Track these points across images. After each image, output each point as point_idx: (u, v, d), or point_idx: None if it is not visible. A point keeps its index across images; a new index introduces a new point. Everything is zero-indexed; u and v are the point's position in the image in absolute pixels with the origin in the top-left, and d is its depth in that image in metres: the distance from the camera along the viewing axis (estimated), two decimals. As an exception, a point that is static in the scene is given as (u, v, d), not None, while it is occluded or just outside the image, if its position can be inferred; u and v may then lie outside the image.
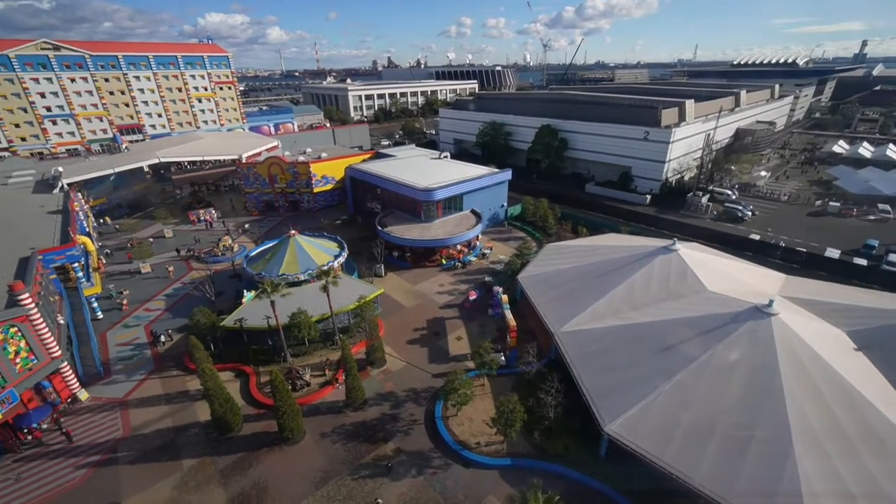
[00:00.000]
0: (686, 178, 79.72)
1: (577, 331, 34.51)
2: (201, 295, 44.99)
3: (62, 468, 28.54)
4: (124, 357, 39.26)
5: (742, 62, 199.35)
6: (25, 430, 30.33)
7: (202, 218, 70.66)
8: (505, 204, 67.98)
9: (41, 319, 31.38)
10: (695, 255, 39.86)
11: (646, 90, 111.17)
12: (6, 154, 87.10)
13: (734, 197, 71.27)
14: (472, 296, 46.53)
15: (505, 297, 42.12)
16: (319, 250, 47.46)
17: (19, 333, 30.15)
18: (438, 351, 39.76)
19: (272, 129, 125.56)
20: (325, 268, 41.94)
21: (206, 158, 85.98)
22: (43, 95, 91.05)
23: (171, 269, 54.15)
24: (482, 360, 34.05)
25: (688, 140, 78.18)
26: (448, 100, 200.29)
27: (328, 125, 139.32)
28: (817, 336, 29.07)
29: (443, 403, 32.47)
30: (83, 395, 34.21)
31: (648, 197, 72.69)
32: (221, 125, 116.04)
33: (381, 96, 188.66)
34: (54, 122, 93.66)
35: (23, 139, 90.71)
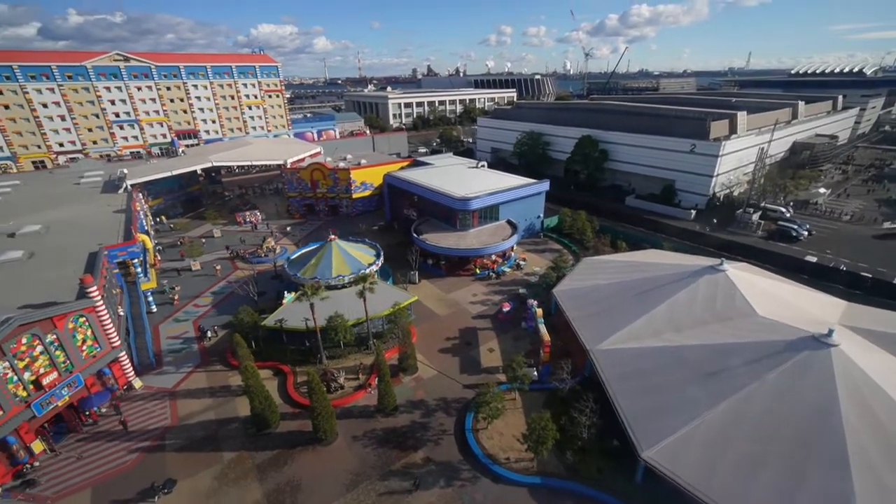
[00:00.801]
0: (735, 193, 75.88)
1: (614, 349, 33.50)
2: (245, 294, 47.19)
3: (117, 451, 30.63)
4: (174, 350, 41.74)
5: (802, 71, 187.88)
6: (87, 413, 32.79)
7: (248, 220, 74.29)
8: (541, 215, 67.23)
9: (105, 311, 33.99)
10: (744, 277, 37.82)
11: (693, 101, 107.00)
12: (80, 156, 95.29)
13: (789, 215, 67.04)
14: (506, 307, 46.20)
15: (539, 311, 41.52)
16: (357, 256, 48.67)
17: (87, 323, 32.79)
18: (470, 361, 39.68)
19: (315, 135, 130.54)
20: (363, 273, 42.92)
21: (253, 163, 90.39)
22: (113, 102, 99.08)
23: (218, 267, 57.22)
24: (514, 374, 33.66)
25: (738, 154, 74.47)
26: (486, 108, 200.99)
27: (368, 132, 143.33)
28: (884, 371, 26.78)
29: (473, 415, 32.35)
30: (137, 383, 36.64)
31: (693, 212, 69.69)
32: (268, 131, 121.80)
33: (419, 104, 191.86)
34: (121, 127, 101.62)
35: (94, 142, 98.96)
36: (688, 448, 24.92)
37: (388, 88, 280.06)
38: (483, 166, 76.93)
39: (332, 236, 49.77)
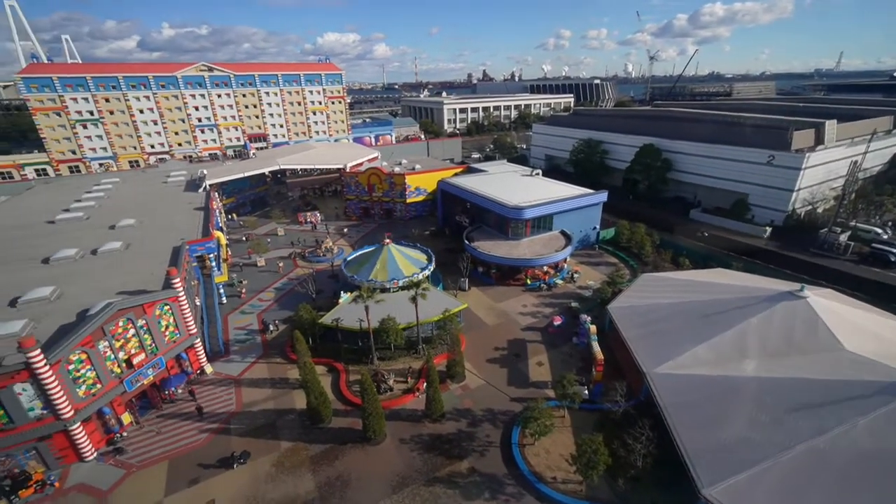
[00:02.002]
0: (819, 210, 68.88)
1: (674, 374, 31.66)
2: (304, 292, 49.91)
3: (190, 430, 33.59)
4: (240, 340, 45.05)
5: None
6: (166, 392, 36.29)
7: (308, 220, 78.55)
8: (597, 226, 65.05)
9: (186, 301, 37.48)
10: (829, 305, 34.23)
11: (772, 107, 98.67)
12: (167, 157, 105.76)
13: (886, 236, 59.74)
14: (557, 321, 45.19)
15: (593, 328, 40.18)
16: (410, 260, 49.90)
17: (170, 311, 36.36)
18: (518, 374, 39.23)
19: (373, 140, 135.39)
20: (415, 278, 43.89)
21: (316, 166, 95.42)
22: (196, 108, 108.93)
23: (281, 264, 61.00)
24: (564, 391, 32.85)
25: (826, 166, 67.67)
26: (541, 114, 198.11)
27: (423, 137, 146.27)
28: None
29: (520, 430, 31.96)
30: (209, 368, 39.97)
31: (768, 229, 64.15)
32: (330, 136, 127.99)
33: (474, 110, 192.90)
34: (202, 131, 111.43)
35: (179, 144, 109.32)
36: (757, 490, 22.97)
37: (444, 93, 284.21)
38: (538, 174, 75.86)
39: (387, 240, 51.37)
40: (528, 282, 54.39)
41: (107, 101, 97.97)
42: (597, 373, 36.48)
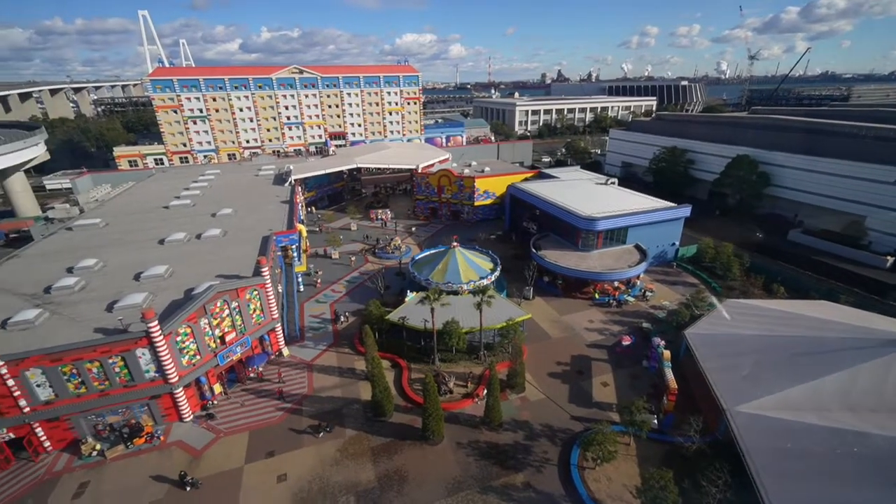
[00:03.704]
0: (960, 240, 58.27)
1: (759, 416, 28.79)
2: (373, 287, 52.35)
3: (268, 406, 36.89)
4: (314, 327, 48.45)
5: None
6: (250, 369, 40.19)
7: (379, 217, 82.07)
8: (677, 243, 60.68)
9: (271, 287, 41.15)
10: (969, 359, 29.04)
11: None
12: (259, 151, 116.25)
13: None
14: (626, 341, 43.03)
15: (666, 353, 37.66)
16: (476, 265, 50.28)
17: (258, 296, 40.15)
18: (580, 392, 38.03)
19: (444, 140, 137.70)
20: (482, 285, 44.14)
21: (390, 166, 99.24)
22: (286, 108, 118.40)
23: (353, 258, 64.50)
24: (632, 417, 31.24)
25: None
26: (619, 117, 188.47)
27: (493, 139, 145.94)
28: None
29: (580, 451, 31.03)
30: (286, 351, 43.56)
31: (890, 259, 55.58)
32: (403, 136, 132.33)
33: (547, 111, 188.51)
34: (290, 128, 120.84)
35: (269, 140, 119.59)
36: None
37: (516, 94, 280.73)
38: (613, 183, 72.44)
39: (455, 243, 52.19)
40: (597, 296, 52.31)
41: (213, 100, 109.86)
42: (668, 402, 34.23)
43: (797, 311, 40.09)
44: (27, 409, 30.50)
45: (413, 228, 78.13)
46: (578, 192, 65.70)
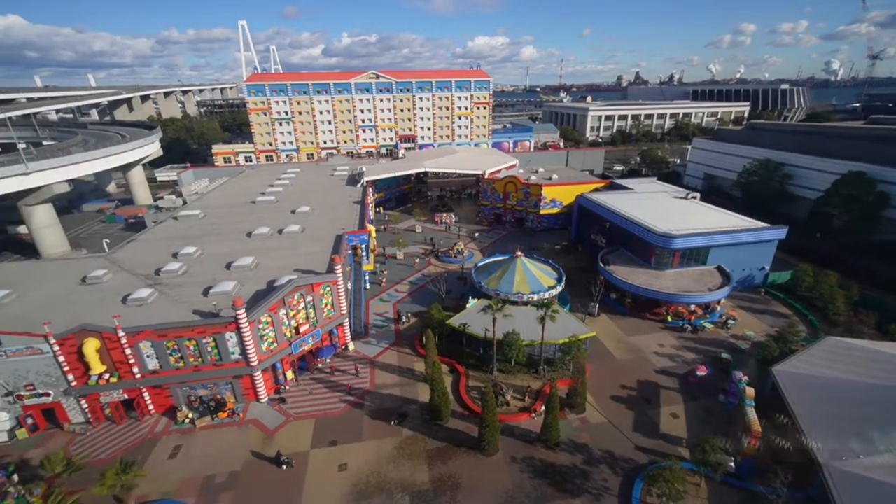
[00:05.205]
0: None
1: (866, 479, 25.20)
2: (436, 291, 53.36)
3: (332, 398, 39.14)
4: (378, 325, 50.47)
5: None
6: (319, 360, 42.91)
7: (444, 220, 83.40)
8: (767, 267, 54.90)
9: (342, 285, 43.61)
10: None
11: None
12: (334, 152, 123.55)
13: None
14: (701, 371, 39.82)
15: (749, 391, 34.22)
16: (540, 276, 49.31)
17: (330, 292, 42.76)
18: (646, 421, 35.85)
19: (511, 146, 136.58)
20: (546, 299, 43.26)
21: (458, 171, 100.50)
22: (362, 111, 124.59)
23: (417, 260, 66.25)
24: (705, 456, 28.86)
25: None
26: (704, 124, 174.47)
27: (562, 145, 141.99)
28: None
29: (643, 486, 29.29)
30: (351, 346, 45.92)
31: None
32: (471, 140, 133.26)
33: (622, 117, 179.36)
34: (364, 131, 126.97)
35: (344, 142, 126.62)
36: None
37: (588, 98, 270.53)
38: (695, 198, 67.25)
39: (519, 252, 51.63)
40: (669, 318, 48.96)
41: (298, 103, 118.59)
42: (750, 445, 31.13)
43: (919, 358, 34.49)
44: (138, 376, 35.21)
45: (476, 234, 78.40)
46: (654, 206, 61.86)
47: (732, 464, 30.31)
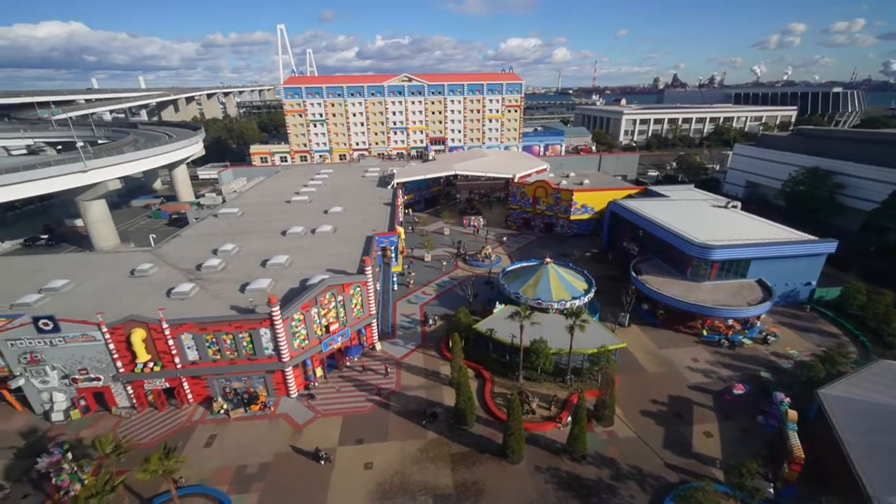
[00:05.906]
0: None
1: (922, 515, 23.46)
2: (463, 294, 53.45)
3: (359, 396, 39.88)
4: (405, 326, 51.06)
5: None
6: (347, 359, 43.83)
7: (472, 223, 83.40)
8: (813, 282, 51.96)
9: (371, 285, 44.40)
10: None
11: None
12: (365, 153, 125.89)
13: None
14: (738, 389, 38.13)
15: (792, 413, 32.48)
16: (569, 284, 48.57)
17: (360, 292, 43.62)
18: (678, 438, 34.66)
19: (542, 149, 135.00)
20: (576, 308, 42.56)
21: (487, 174, 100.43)
22: (394, 113, 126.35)
23: (444, 263, 66.57)
24: (741, 480, 27.59)
25: None
26: (746, 129, 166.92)
27: (594, 149, 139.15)
28: None
29: (674, 506, 28.32)
30: (378, 346, 46.64)
31: None
32: (501, 143, 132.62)
33: (658, 121, 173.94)
34: (395, 133, 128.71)
35: (376, 143, 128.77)
36: None
37: (622, 101, 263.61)
38: (735, 207, 64.44)
39: (549, 259, 51.00)
40: (705, 332, 47.13)
41: (332, 105, 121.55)
42: (791, 471, 29.55)
43: None
44: (179, 366, 37.05)
45: (504, 238, 78.00)
46: (692, 215, 59.69)
47: (772, 490, 28.91)
